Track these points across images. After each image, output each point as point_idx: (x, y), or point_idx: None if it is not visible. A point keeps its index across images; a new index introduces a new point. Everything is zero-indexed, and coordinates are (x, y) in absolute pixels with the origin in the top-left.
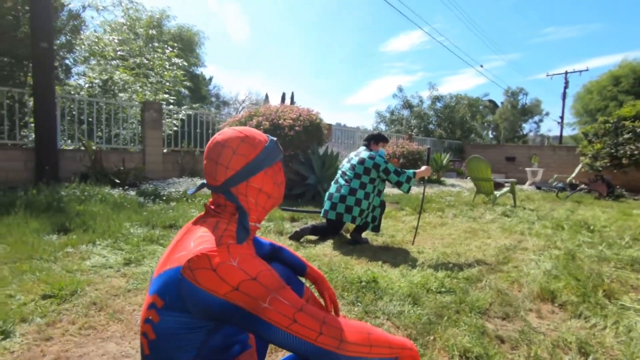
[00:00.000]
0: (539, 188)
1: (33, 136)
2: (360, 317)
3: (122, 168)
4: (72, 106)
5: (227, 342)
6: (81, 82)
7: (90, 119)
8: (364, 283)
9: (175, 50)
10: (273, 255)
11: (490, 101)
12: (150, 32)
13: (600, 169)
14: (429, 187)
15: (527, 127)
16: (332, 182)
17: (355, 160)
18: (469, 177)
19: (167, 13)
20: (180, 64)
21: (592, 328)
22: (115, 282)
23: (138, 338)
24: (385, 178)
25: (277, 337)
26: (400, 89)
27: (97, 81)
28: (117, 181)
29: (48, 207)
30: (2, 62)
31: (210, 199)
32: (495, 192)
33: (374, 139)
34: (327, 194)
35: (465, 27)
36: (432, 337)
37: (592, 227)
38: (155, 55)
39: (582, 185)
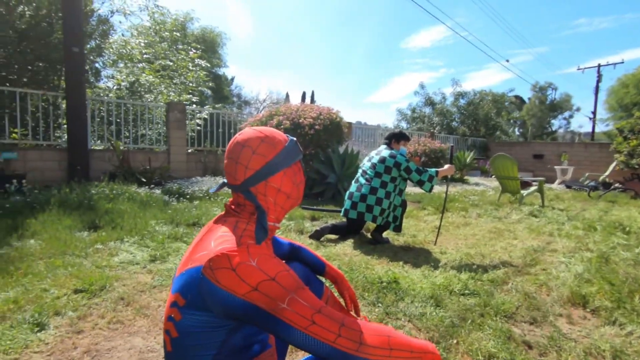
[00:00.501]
0: (569, 187)
1: (66, 137)
2: (381, 318)
3: (148, 167)
4: (101, 108)
5: (247, 341)
6: (110, 84)
7: (118, 120)
8: (384, 283)
9: (198, 52)
10: (292, 254)
11: (517, 97)
12: (174, 34)
13: (637, 166)
14: (452, 186)
15: (556, 123)
16: (353, 181)
17: (376, 159)
18: (493, 176)
19: (191, 16)
20: (203, 65)
21: (628, 336)
22: (142, 278)
23: (163, 334)
24: (406, 177)
25: (295, 338)
26: (422, 86)
27: (124, 83)
28: (144, 180)
29: (79, 205)
30: (37, 66)
31: (231, 199)
32: (522, 191)
33: (395, 137)
34: (347, 193)
35: (490, 21)
36: (455, 341)
37: (627, 229)
38: (180, 57)
39: (617, 184)
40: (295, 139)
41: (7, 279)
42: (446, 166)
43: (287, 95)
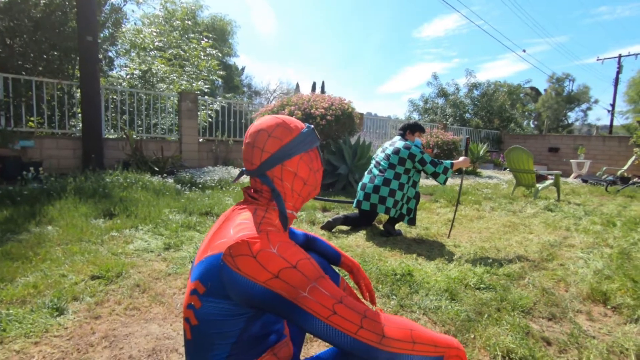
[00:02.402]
0: (585, 181)
1: (80, 126)
2: (396, 311)
3: (160, 156)
4: (114, 97)
5: (265, 330)
6: (123, 73)
7: (131, 109)
8: (398, 276)
9: (209, 41)
10: (307, 245)
11: (533, 88)
12: (185, 23)
13: None
14: (465, 179)
15: (572, 115)
16: (366, 172)
17: (390, 150)
18: (507, 169)
19: (201, 3)
20: (215, 54)
21: None
22: (157, 265)
23: (178, 320)
24: (421, 169)
25: (316, 328)
26: (435, 77)
27: (137, 72)
28: (156, 169)
29: (94, 193)
30: (52, 55)
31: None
32: (537, 185)
33: (410, 129)
34: (360, 184)
35: (506, 9)
36: (472, 336)
37: None
38: (191, 46)
39: (636, 179)
40: (312, 126)
41: (26, 264)
42: (461, 158)
43: (298, 86)
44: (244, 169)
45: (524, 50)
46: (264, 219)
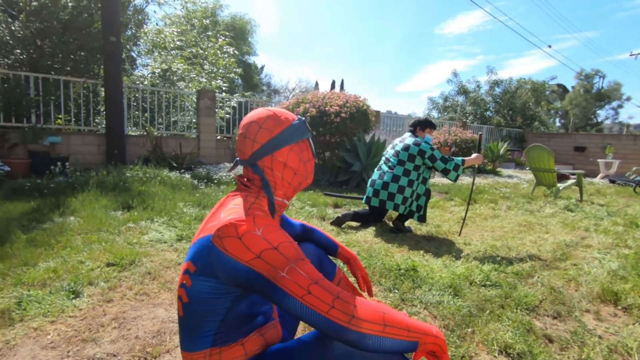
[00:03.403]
0: (612, 182)
1: (105, 123)
2: (396, 304)
3: (179, 153)
4: (137, 95)
5: (251, 310)
6: (145, 72)
7: (152, 107)
8: (402, 271)
9: (227, 39)
10: (305, 235)
11: (559, 85)
12: (204, 22)
13: None
14: (483, 178)
15: (602, 113)
16: (375, 169)
17: (399, 147)
18: (528, 168)
19: (221, 2)
20: (232, 52)
21: None
22: (168, 255)
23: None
24: (431, 165)
25: (290, 306)
26: (455, 74)
27: (158, 70)
28: (175, 165)
29: (115, 187)
30: (79, 56)
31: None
32: (559, 185)
33: (421, 125)
34: (369, 180)
35: (532, 4)
36: (470, 330)
37: None
38: (209, 45)
39: None
40: (303, 118)
41: (48, 250)
42: (474, 155)
43: (317, 84)
44: (238, 158)
45: (550, 46)
46: (253, 204)
